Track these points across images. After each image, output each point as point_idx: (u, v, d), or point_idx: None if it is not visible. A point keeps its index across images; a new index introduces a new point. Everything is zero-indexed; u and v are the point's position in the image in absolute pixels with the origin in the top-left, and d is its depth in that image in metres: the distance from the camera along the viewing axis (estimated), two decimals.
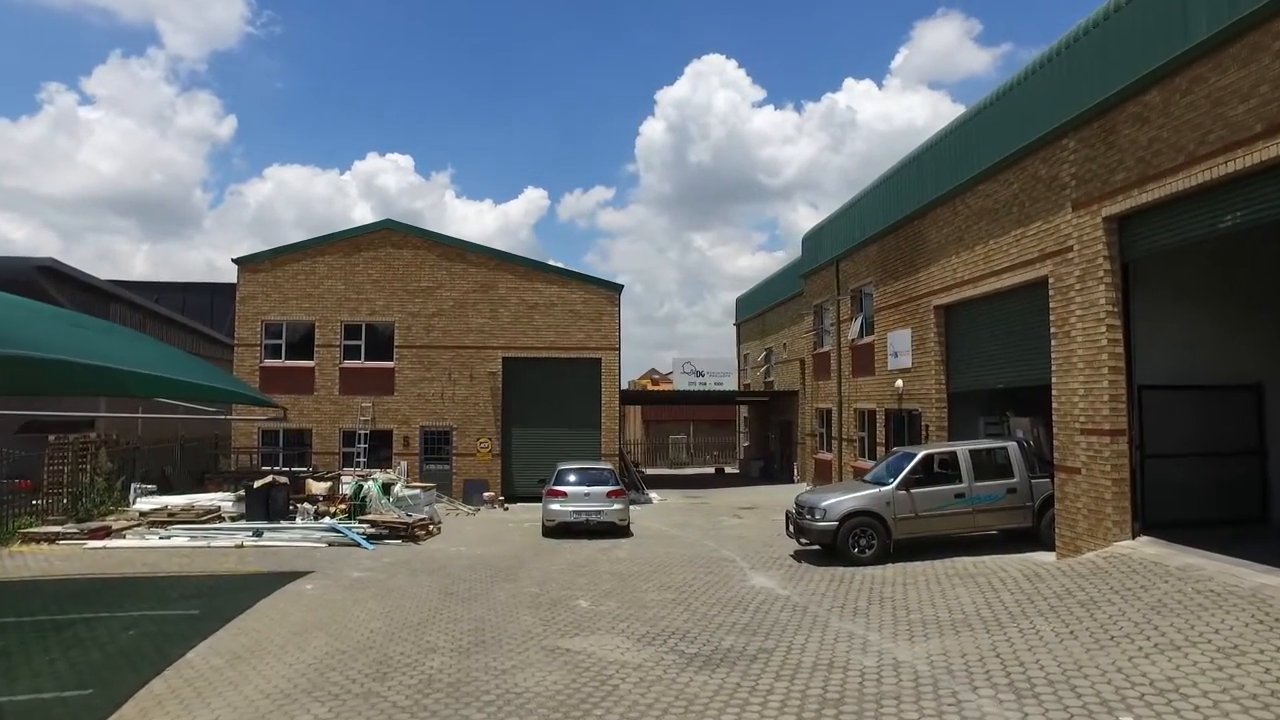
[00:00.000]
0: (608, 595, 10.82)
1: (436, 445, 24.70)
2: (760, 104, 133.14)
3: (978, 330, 15.50)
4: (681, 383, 30.99)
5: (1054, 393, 12.22)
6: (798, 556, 13.64)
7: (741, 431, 44.09)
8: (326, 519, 17.05)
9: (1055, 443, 12.25)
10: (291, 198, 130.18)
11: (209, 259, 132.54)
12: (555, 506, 16.92)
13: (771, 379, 35.10)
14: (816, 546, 13.50)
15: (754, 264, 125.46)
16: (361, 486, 17.88)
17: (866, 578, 11.54)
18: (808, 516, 13.20)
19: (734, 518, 20.60)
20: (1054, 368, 12.21)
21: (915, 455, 13.39)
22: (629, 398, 31.81)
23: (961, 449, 13.47)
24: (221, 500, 18.39)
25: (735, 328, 43.38)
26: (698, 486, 30.97)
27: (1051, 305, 12.26)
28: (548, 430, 24.85)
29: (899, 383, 18.21)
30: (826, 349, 24.09)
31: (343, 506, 17.81)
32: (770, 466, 35.05)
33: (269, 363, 24.47)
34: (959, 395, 16.53)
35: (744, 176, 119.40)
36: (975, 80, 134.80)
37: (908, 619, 8.76)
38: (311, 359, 24.54)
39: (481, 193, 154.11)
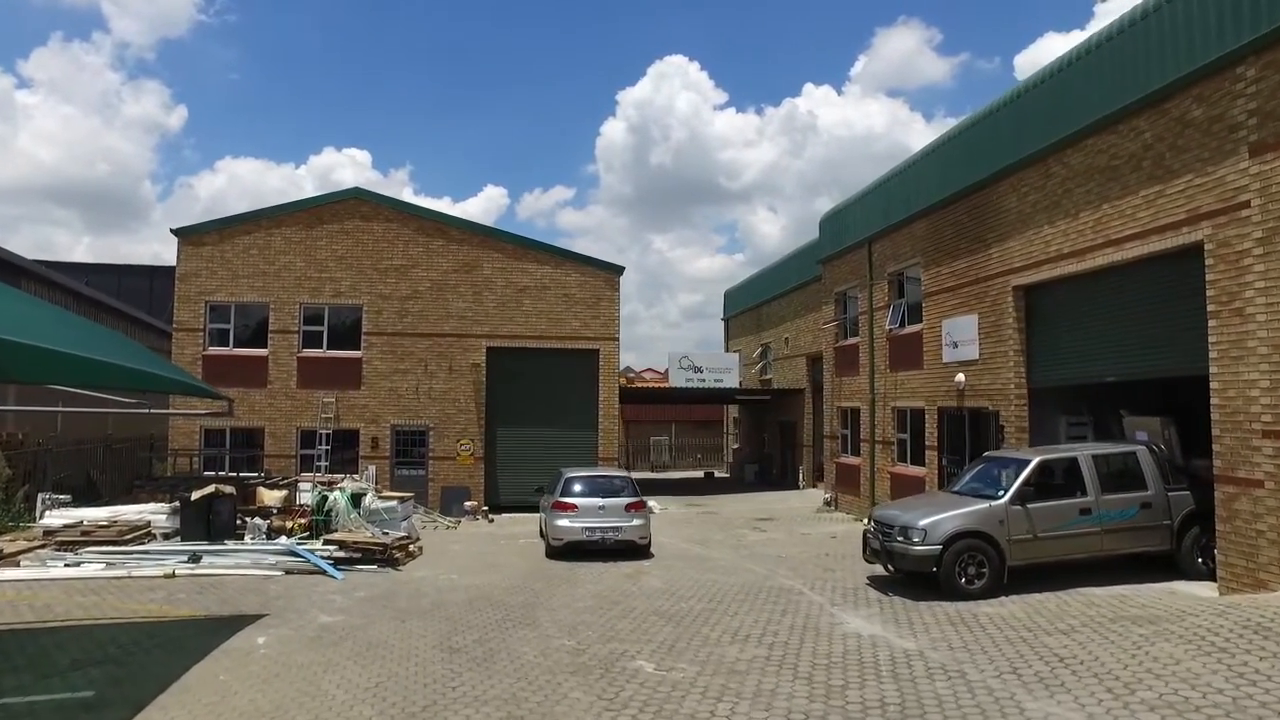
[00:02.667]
0: (672, 651, 8.04)
1: (410, 447, 21.58)
2: (722, 107, 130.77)
3: (1075, 313, 13.06)
4: (678, 379, 28.34)
5: (1214, 386, 9.79)
6: (879, 586, 11.04)
7: (730, 433, 41.55)
8: (283, 538, 13.96)
9: (1216, 448, 9.81)
10: (244, 191, 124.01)
11: (156, 253, 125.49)
12: (564, 522, 14.06)
13: (769, 376, 32.64)
14: (899, 574, 10.95)
15: (713, 266, 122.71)
16: (326, 497, 14.79)
17: (997, 620, 8.94)
18: (900, 539, 10.57)
19: (756, 531, 18.02)
20: (1213, 355, 9.79)
21: (1028, 462, 10.83)
22: (624, 395, 28.98)
23: (1083, 455, 10.97)
24: (153, 513, 15.07)
25: (724, 322, 40.83)
26: (693, 493, 28.31)
27: (1210, 278, 9.84)
28: (538, 431, 21.92)
29: (960, 377, 15.73)
30: (853, 341, 21.58)
31: (302, 521, 14.71)
32: (768, 470, 32.56)
33: (214, 350, 21.12)
34: (1039, 391, 14.12)
35: (705, 179, 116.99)
36: (934, 88, 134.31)
37: (1140, 700, 6.13)
38: (265, 347, 21.24)
39: (441, 190, 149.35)
